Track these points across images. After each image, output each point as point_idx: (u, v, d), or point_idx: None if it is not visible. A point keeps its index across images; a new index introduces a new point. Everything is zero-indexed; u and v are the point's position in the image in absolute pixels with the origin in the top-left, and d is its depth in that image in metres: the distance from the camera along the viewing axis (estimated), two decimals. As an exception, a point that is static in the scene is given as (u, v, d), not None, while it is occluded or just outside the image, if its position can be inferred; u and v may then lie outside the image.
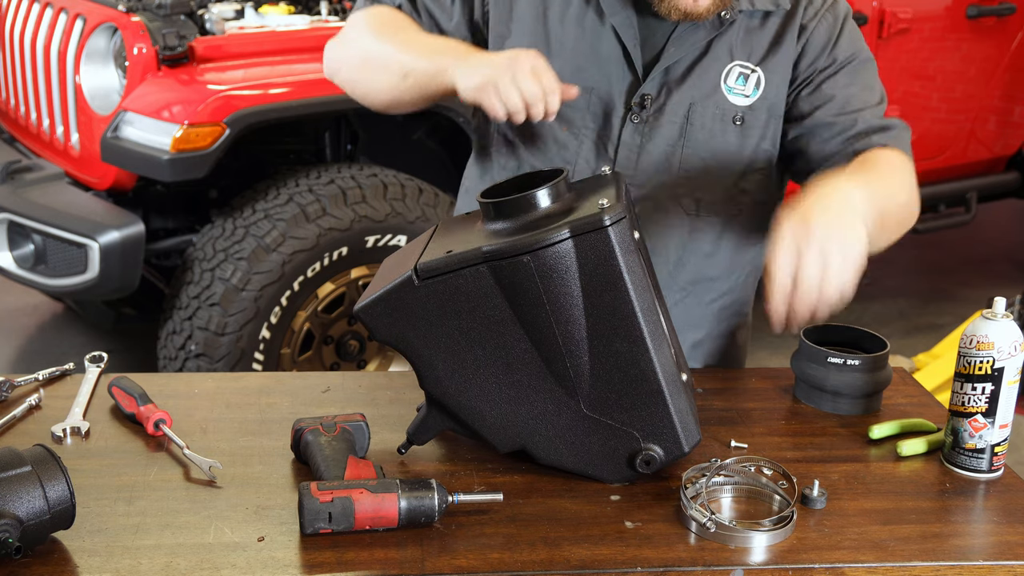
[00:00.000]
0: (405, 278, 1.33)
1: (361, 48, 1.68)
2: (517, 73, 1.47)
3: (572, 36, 1.64)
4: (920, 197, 1.65)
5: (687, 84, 1.63)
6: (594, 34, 1.64)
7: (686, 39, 1.62)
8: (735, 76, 1.64)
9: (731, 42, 1.64)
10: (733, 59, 1.64)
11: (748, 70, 1.64)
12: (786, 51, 1.65)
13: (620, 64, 1.63)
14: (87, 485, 1.31)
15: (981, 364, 1.40)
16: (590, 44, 1.64)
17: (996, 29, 4.16)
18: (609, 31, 1.63)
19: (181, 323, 3.11)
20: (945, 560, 1.24)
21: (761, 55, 1.65)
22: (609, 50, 1.64)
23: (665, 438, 1.34)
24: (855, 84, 1.66)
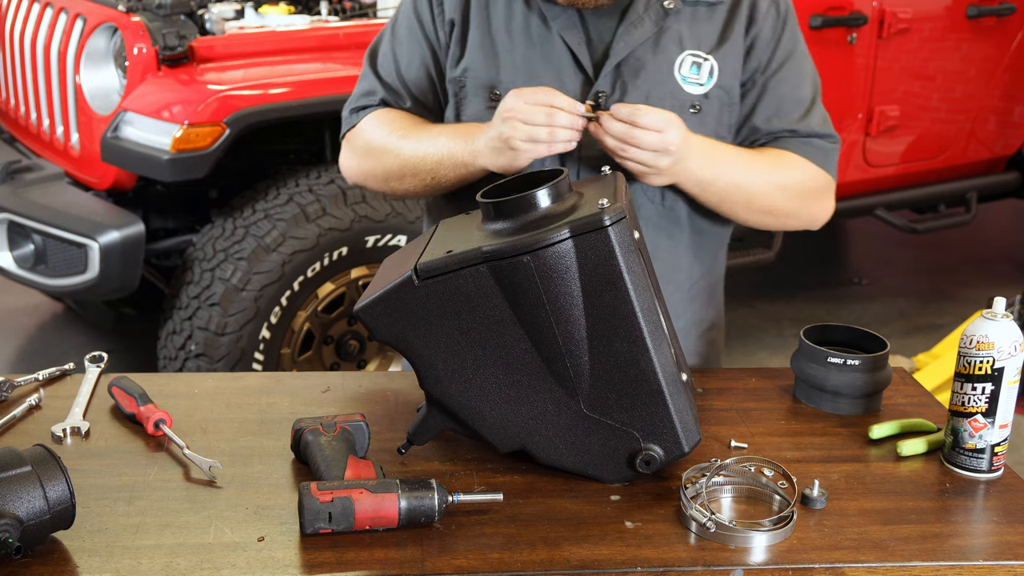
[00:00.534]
0: (405, 278, 1.33)
1: (380, 170, 1.75)
2: (519, 116, 1.52)
3: (520, 45, 1.67)
4: (920, 197, 1.70)
5: (641, 78, 1.65)
6: (541, 39, 1.66)
7: (632, 33, 1.64)
8: (688, 65, 1.67)
9: (680, 32, 1.67)
10: (684, 49, 1.67)
11: (700, 58, 1.67)
12: (736, 40, 1.68)
13: (571, 66, 1.66)
14: (87, 485, 1.31)
15: (981, 364, 1.40)
16: (539, 50, 1.66)
17: (996, 29, 4.16)
18: (555, 35, 1.65)
19: (181, 323, 3.11)
20: (945, 560, 1.24)
21: (712, 43, 1.68)
22: (558, 53, 1.66)
23: (665, 438, 1.34)
24: (788, 83, 1.72)
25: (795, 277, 4.94)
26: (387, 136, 1.73)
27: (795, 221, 1.78)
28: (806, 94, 1.75)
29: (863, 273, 5.13)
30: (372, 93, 1.80)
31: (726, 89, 1.69)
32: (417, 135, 1.71)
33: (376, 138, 1.75)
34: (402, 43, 1.77)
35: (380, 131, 1.75)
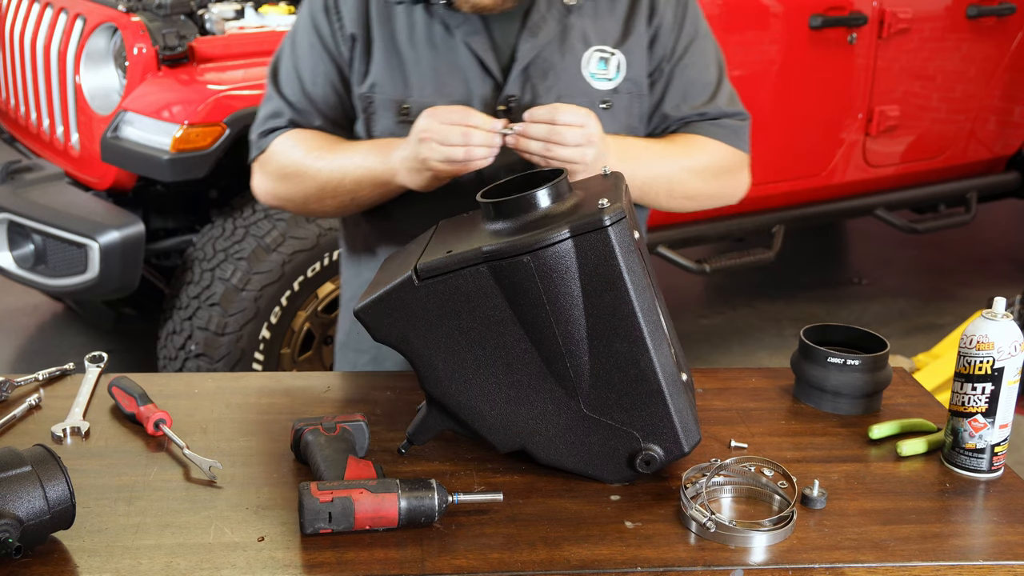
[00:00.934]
0: (405, 278, 1.33)
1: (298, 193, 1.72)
2: (435, 137, 1.51)
3: (425, 55, 1.66)
4: (920, 197, 1.71)
5: (550, 79, 1.65)
6: (446, 48, 1.65)
7: (537, 34, 1.64)
8: (595, 62, 1.67)
9: (584, 29, 1.67)
10: (590, 45, 1.67)
11: (607, 53, 1.68)
12: (639, 32, 1.69)
13: (478, 72, 1.65)
14: (87, 485, 1.31)
15: (981, 364, 1.40)
16: (445, 59, 1.65)
17: (996, 29, 4.16)
18: (459, 42, 1.64)
19: (181, 323, 3.11)
20: (945, 560, 1.24)
21: (617, 37, 1.69)
22: (465, 61, 1.65)
23: (665, 438, 1.34)
24: (694, 68, 1.74)
25: (795, 277, 4.94)
26: (302, 159, 1.70)
27: (715, 201, 1.80)
28: (712, 76, 1.77)
29: (863, 273, 5.13)
30: (279, 115, 1.75)
31: (635, 82, 1.70)
32: (333, 155, 1.68)
33: (290, 162, 1.71)
34: (304, 59, 1.73)
35: (293, 154, 1.71)
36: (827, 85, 3.85)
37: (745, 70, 3.68)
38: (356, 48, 1.69)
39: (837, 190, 4.07)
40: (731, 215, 3.88)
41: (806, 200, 4.03)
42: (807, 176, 3.96)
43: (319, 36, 1.71)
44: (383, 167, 1.62)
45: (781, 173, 3.90)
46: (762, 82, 3.73)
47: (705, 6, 3.53)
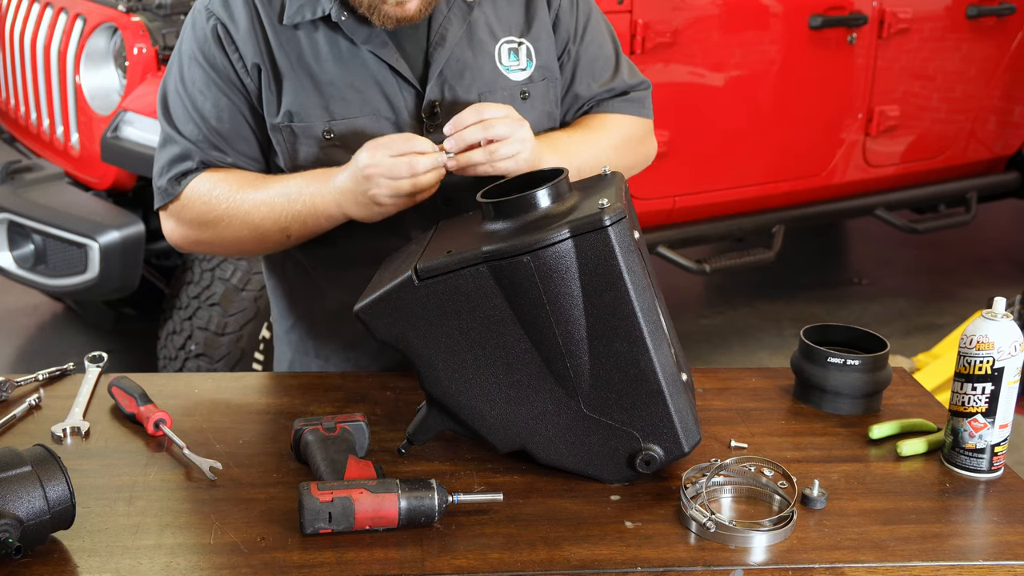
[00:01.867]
0: (405, 278, 1.33)
1: (223, 236, 1.63)
2: (380, 170, 1.48)
3: (338, 74, 1.60)
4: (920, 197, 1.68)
5: (467, 78, 1.64)
6: (357, 63, 1.60)
7: (445, 36, 1.62)
8: (506, 53, 1.66)
9: (488, 22, 1.66)
10: (498, 38, 1.66)
11: (515, 43, 1.67)
12: (542, 17, 1.69)
13: (395, 83, 1.61)
14: (87, 485, 1.31)
15: (981, 364, 1.40)
16: (359, 75, 1.60)
17: (996, 29, 4.16)
18: (369, 57, 1.59)
19: (181, 323, 3.11)
20: (945, 560, 1.24)
21: (521, 27, 1.68)
22: (379, 73, 1.60)
23: (665, 438, 1.34)
24: (600, 47, 1.75)
25: (795, 277, 4.94)
26: (227, 200, 1.60)
27: (633, 171, 1.80)
28: (610, 49, 1.78)
29: (863, 273, 5.13)
30: (187, 157, 1.63)
31: (547, 68, 1.70)
32: (263, 191, 1.59)
33: (214, 205, 1.60)
34: (201, 95, 1.62)
35: (216, 195, 1.60)
36: (827, 85, 3.85)
37: (745, 70, 3.68)
38: (263, 77, 1.60)
39: (837, 190, 4.07)
40: (731, 215, 3.88)
41: (806, 200, 4.03)
42: (807, 176, 3.96)
43: (215, 70, 1.61)
44: (324, 199, 1.55)
45: (781, 173, 3.90)
46: (762, 82, 3.73)
47: (705, 6, 3.55)
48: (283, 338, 1.83)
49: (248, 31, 1.59)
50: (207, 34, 1.61)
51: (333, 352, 1.76)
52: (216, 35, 1.60)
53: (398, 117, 1.61)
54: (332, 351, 1.76)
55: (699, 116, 3.64)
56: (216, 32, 1.60)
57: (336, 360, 1.76)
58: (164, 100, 1.67)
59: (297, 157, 1.62)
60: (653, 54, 3.42)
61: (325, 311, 1.74)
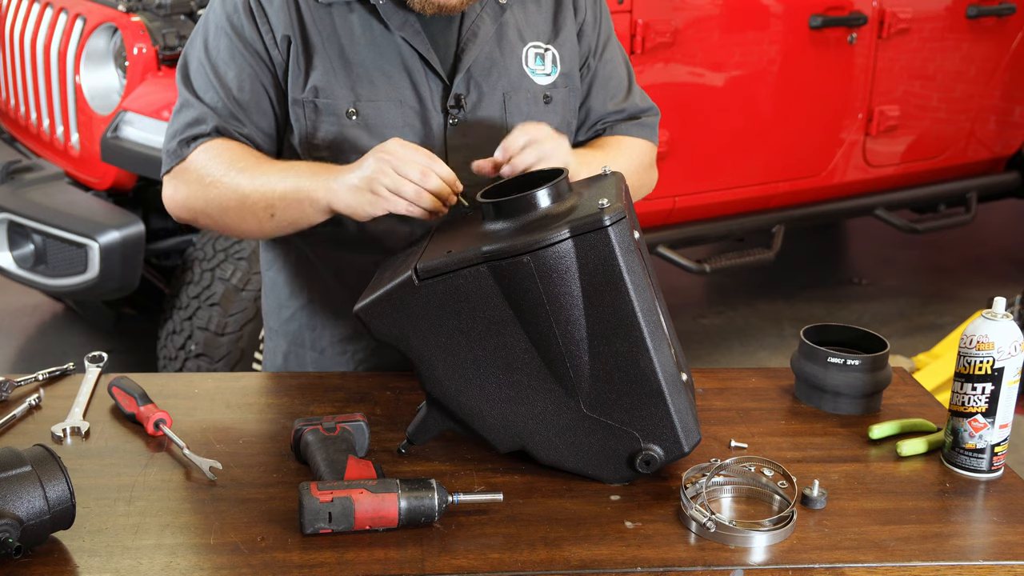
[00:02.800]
0: (405, 278, 1.33)
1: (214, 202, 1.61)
2: (394, 162, 1.46)
3: (369, 56, 1.62)
4: (920, 197, 1.69)
5: (494, 76, 1.66)
6: (389, 48, 1.62)
7: (477, 33, 1.65)
8: (532, 58, 1.69)
9: (517, 26, 1.69)
10: (525, 42, 1.69)
11: (542, 49, 1.70)
12: (568, 27, 1.72)
13: (423, 72, 1.63)
14: (87, 485, 1.31)
15: (981, 364, 1.40)
16: (390, 60, 1.62)
17: (996, 29, 4.16)
18: (401, 43, 1.62)
19: (181, 323, 3.11)
20: (945, 560, 1.24)
21: (548, 34, 1.71)
22: (408, 61, 1.62)
23: (665, 438, 1.34)
24: (612, 63, 1.78)
25: (795, 277, 4.94)
26: (226, 169, 1.59)
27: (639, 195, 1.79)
28: (623, 73, 1.81)
29: (863, 273, 5.13)
30: (202, 121, 1.63)
31: (569, 76, 1.73)
32: (262, 169, 1.59)
33: (210, 172, 1.60)
34: (225, 64, 1.63)
35: (217, 164, 1.60)
36: (827, 85, 3.85)
37: (745, 70, 3.68)
38: (292, 51, 1.61)
39: (837, 190, 4.07)
40: (731, 215, 3.88)
41: (806, 200, 4.03)
42: (807, 176, 3.96)
43: (241, 39, 1.62)
44: (320, 184, 1.52)
45: (781, 173, 3.90)
46: (762, 82, 3.73)
47: (705, 6, 3.55)
48: (279, 330, 1.83)
49: (281, 4, 1.61)
50: (238, 5, 1.63)
51: (330, 344, 1.76)
52: (248, 6, 1.62)
53: (423, 106, 1.63)
54: (329, 343, 1.76)
55: (699, 116, 3.64)
56: (248, 3, 1.62)
57: (331, 352, 1.76)
58: (185, 68, 1.68)
59: (316, 134, 1.63)
60: (653, 54, 3.42)
61: (326, 302, 1.75)
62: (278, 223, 1.59)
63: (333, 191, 1.51)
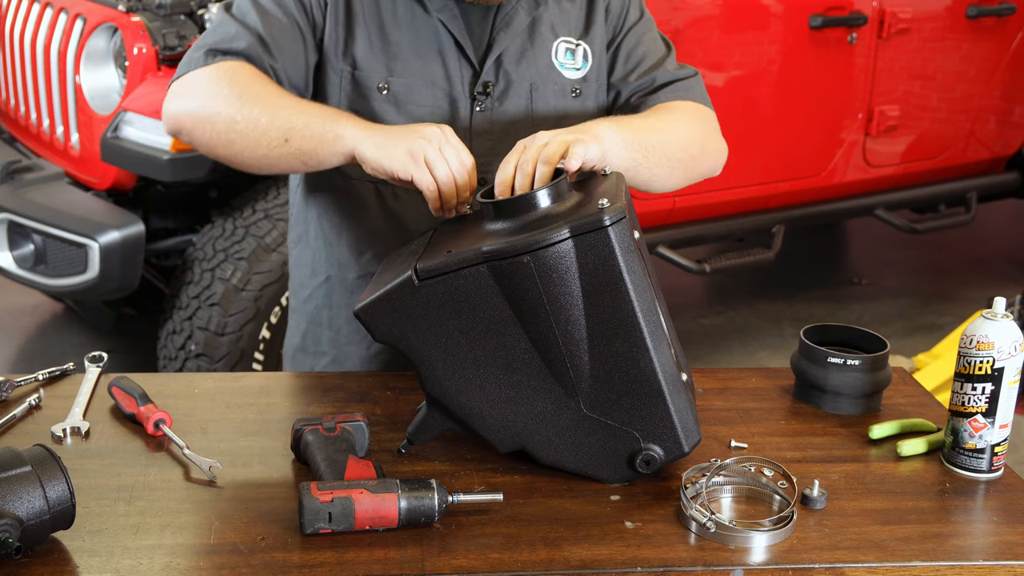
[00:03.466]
0: (405, 278, 1.33)
1: (225, 112, 1.56)
2: (444, 145, 1.46)
3: (407, 36, 1.67)
4: (920, 197, 1.68)
5: (523, 66, 1.70)
6: (426, 30, 1.67)
7: (510, 24, 1.69)
8: (563, 51, 1.73)
9: (551, 20, 1.73)
10: (557, 36, 1.73)
11: (573, 44, 1.74)
12: (599, 23, 1.75)
13: (456, 56, 1.68)
14: (87, 485, 1.31)
15: (981, 364, 1.40)
16: (424, 41, 1.67)
17: (996, 29, 4.16)
18: (439, 26, 1.67)
19: (181, 323, 3.11)
20: (945, 560, 1.24)
21: (580, 30, 1.74)
22: (443, 44, 1.68)
23: (665, 438, 1.34)
24: (642, 44, 1.78)
25: (795, 277, 4.94)
26: (249, 86, 1.56)
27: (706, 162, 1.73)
28: (652, 47, 1.78)
29: (863, 273, 5.13)
30: (236, 39, 1.61)
31: (600, 70, 1.76)
32: (288, 98, 1.57)
33: (233, 85, 1.56)
34: (269, 4, 1.64)
35: (240, 79, 1.57)
36: (827, 85, 3.85)
37: (745, 70, 3.68)
38: (330, 16, 1.64)
39: (837, 190, 4.07)
40: (731, 215, 3.88)
41: (806, 200, 4.03)
42: (807, 176, 3.96)
43: None
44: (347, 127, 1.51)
45: (781, 173, 3.90)
46: (762, 82, 3.73)
47: (705, 6, 3.55)
48: (299, 309, 1.87)
49: None
50: None
51: (345, 323, 1.79)
52: None
53: (452, 89, 1.67)
54: (344, 322, 1.79)
55: (699, 116, 3.63)
56: None
57: (347, 331, 1.79)
58: (228, 5, 1.69)
59: (347, 102, 1.67)
60: (653, 54, 3.41)
61: (343, 282, 1.78)
62: (284, 153, 1.54)
63: (363, 138, 1.50)
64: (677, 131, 1.67)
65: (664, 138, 1.63)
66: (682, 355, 1.47)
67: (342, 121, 1.52)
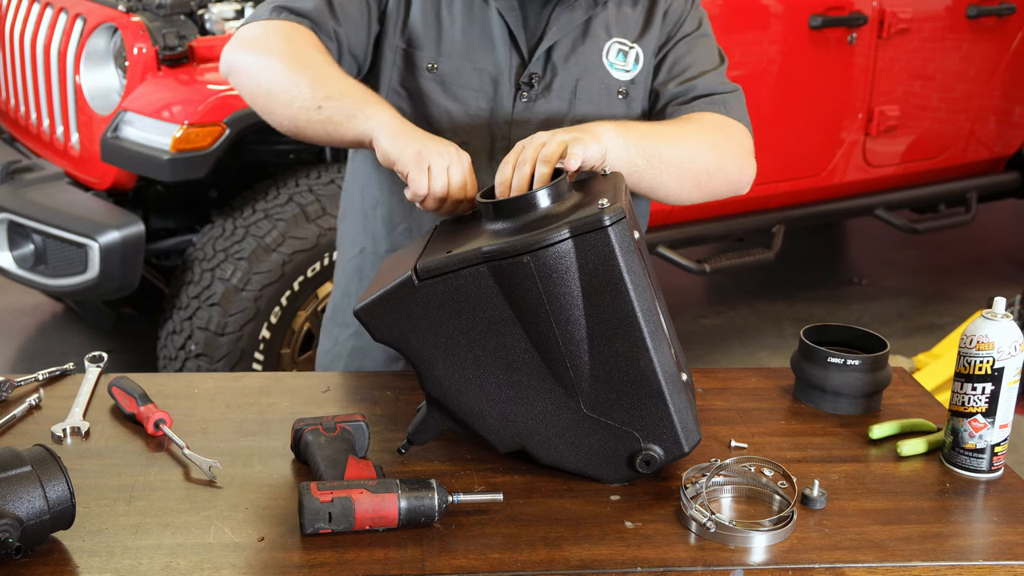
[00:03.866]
0: (405, 278, 1.33)
1: (273, 67, 1.61)
2: (454, 163, 1.49)
3: (461, 22, 1.71)
4: (920, 197, 1.68)
5: (571, 62, 1.71)
6: (481, 18, 1.71)
7: (565, 19, 1.70)
8: (615, 52, 1.73)
9: (607, 21, 1.74)
10: (611, 36, 1.74)
11: (626, 47, 1.74)
12: (655, 27, 1.76)
13: (507, 46, 1.70)
14: (87, 485, 1.31)
15: (981, 364, 1.40)
16: (478, 28, 1.71)
17: (996, 29, 4.16)
18: (494, 14, 1.70)
19: (181, 323, 3.11)
20: (945, 560, 1.24)
21: (636, 33, 1.75)
22: (496, 33, 1.70)
23: (665, 438, 1.34)
24: (691, 54, 1.77)
25: (795, 277, 4.94)
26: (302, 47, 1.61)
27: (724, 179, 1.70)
28: (699, 60, 1.76)
29: (863, 273, 5.13)
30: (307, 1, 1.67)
31: (648, 74, 1.76)
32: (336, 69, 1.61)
33: (289, 42, 1.61)
34: None
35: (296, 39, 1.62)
36: (827, 85, 3.85)
37: (745, 70, 3.68)
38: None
39: (837, 190, 4.07)
40: (731, 215, 3.88)
41: (806, 200, 4.03)
42: (807, 176, 3.96)
43: None
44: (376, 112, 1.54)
45: (781, 173, 3.90)
46: (762, 82, 3.73)
47: (705, 6, 3.52)
48: (337, 281, 1.92)
49: None
50: None
51: None
52: None
53: (498, 76, 1.70)
54: None
55: (699, 116, 3.63)
56: None
57: None
58: None
59: (398, 78, 1.72)
60: (653, 54, 3.41)
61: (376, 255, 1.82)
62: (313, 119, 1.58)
63: (385, 127, 1.52)
64: (691, 143, 1.65)
65: (672, 147, 1.61)
66: (682, 355, 1.47)
67: (376, 105, 1.56)
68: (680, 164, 1.62)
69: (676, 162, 1.61)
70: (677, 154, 1.61)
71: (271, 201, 3.16)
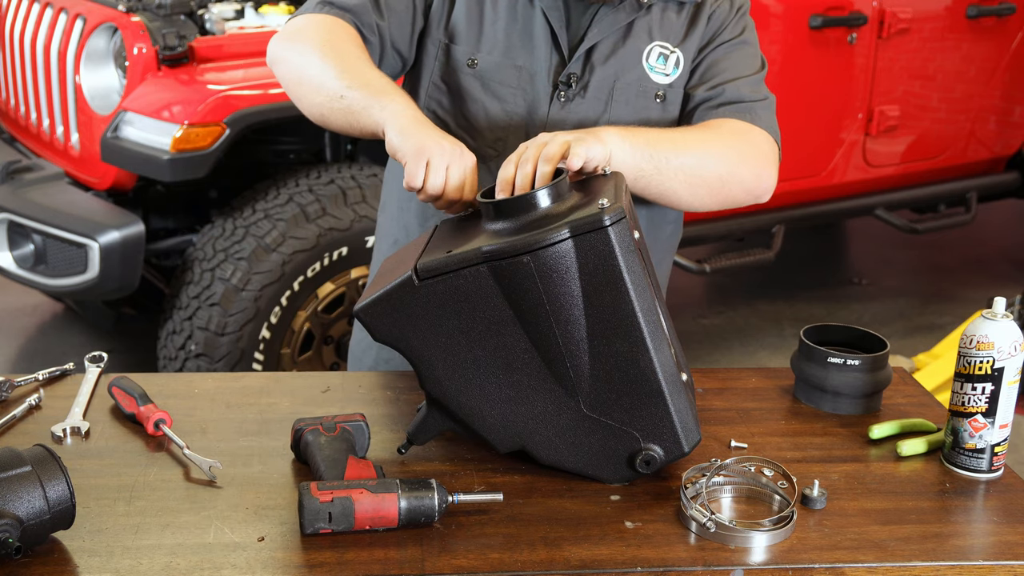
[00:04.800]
0: (405, 278, 1.33)
1: (308, 57, 1.65)
2: (454, 163, 1.49)
3: (504, 18, 1.72)
4: (920, 197, 1.68)
5: (610, 63, 1.71)
6: (524, 16, 1.72)
7: (607, 21, 1.71)
8: (655, 56, 1.73)
9: (650, 24, 1.73)
10: (653, 40, 1.73)
11: (668, 50, 1.74)
12: (698, 31, 1.76)
13: (547, 44, 1.71)
14: (87, 485, 1.31)
15: (981, 364, 1.40)
16: (520, 26, 1.71)
17: (996, 29, 4.16)
18: (538, 13, 1.71)
19: (181, 323, 3.11)
20: (945, 560, 1.24)
21: (679, 38, 1.75)
22: (537, 31, 1.71)
23: (665, 438, 1.34)
24: (727, 59, 1.76)
25: (795, 277, 4.94)
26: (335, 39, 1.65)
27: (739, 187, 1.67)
28: (735, 67, 1.74)
29: (863, 273, 5.13)
30: None
31: (686, 79, 1.76)
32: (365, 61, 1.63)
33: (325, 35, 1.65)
34: None
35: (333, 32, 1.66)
36: (827, 85, 3.85)
37: (745, 70, 3.68)
38: None
39: (837, 190, 4.07)
40: (731, 215, 3.88)
41: (806, 200, 4.03)
42: (807, 176, 3.96)
43: None
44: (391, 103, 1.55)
45: (781, 173, 3.86)
46: (762, 82, 3.73)
47: (705, 6, 3.55)
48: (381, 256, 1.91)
49: None
50: None
51: None
52: None
53: (536, 75, 1.71)
54: None
55: (699, 116, 3.63)
56: None
57: None
58: None
59: (438, 73, 1.74)
60: (653, 54, 3.41)
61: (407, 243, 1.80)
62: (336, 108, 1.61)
63: (395, 120, 1.53)
64: (703, 149, 1.63)
65: (681, 153, 1.60)
66: (682, 355, 1.47)
67: (393, 96, 1.57)
68: (691, 171, 1.60)
69: (686, 168, 1.60)
70: (687, 161, 1.60)
71: (271, 201, 3.16)
